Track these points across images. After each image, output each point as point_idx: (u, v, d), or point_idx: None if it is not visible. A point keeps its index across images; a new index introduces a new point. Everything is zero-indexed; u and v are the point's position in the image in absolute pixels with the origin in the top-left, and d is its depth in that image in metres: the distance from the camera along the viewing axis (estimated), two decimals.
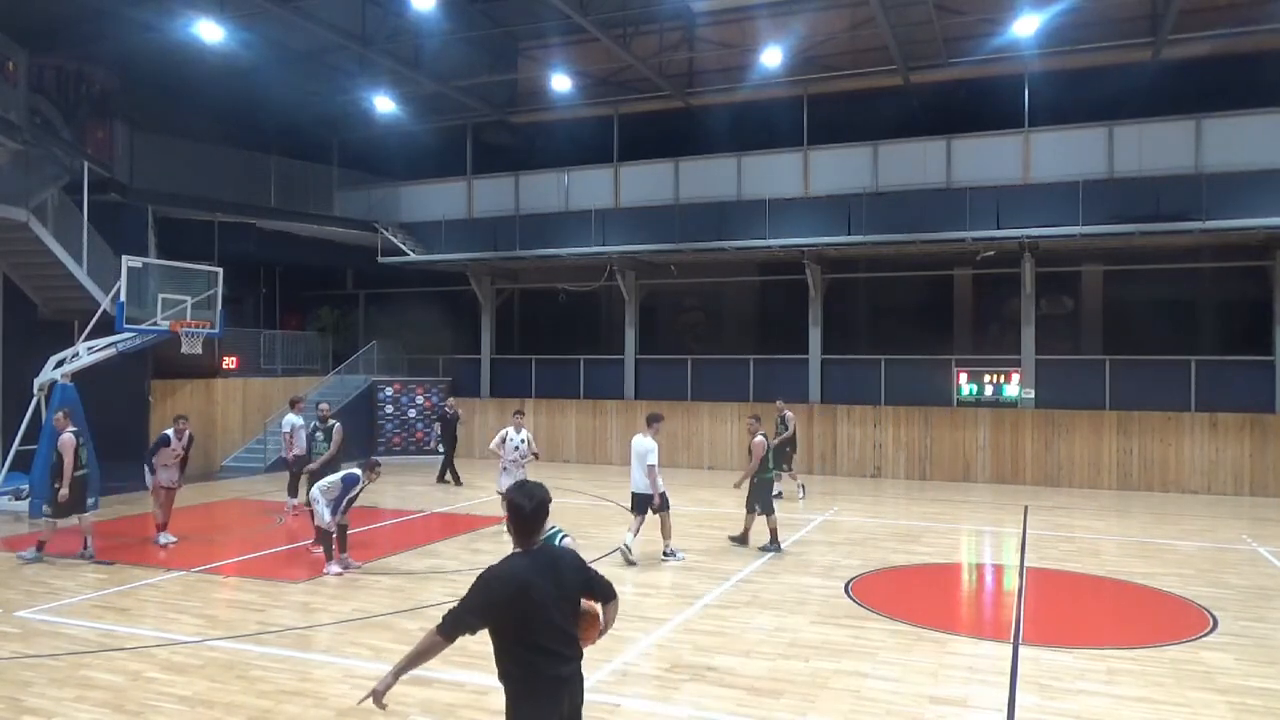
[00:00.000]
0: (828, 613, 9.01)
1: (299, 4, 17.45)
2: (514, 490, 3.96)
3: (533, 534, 3.88)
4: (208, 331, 16.49)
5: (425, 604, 9.30)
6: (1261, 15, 17.49)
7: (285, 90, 22.16)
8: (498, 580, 3.71)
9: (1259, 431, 17.89)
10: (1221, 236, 17.87)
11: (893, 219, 19.49)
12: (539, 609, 3.70)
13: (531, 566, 3.78)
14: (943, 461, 19.93)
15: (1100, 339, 20.86)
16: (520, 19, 21.44)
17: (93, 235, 16.92)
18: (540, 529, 3.92)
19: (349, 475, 10.67)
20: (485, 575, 3.74)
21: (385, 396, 23.53)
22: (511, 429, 13.24)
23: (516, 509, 3.86)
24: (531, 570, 3.76)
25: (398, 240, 23.60)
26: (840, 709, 6.52)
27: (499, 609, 3.68)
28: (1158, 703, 6.67)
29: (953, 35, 19.25)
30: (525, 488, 3.95)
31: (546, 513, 3.93)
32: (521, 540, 3.88)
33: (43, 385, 15.10)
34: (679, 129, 22.84)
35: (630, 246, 21.54)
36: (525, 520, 3.85)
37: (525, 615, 3.68)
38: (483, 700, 6.62)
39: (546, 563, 3.85)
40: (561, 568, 3.89)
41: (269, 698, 6.57)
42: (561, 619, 3.79)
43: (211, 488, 18.04)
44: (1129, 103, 18.73)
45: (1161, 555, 12.13)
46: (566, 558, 4.01)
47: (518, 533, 3.88)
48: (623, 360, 23.17)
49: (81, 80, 19.51)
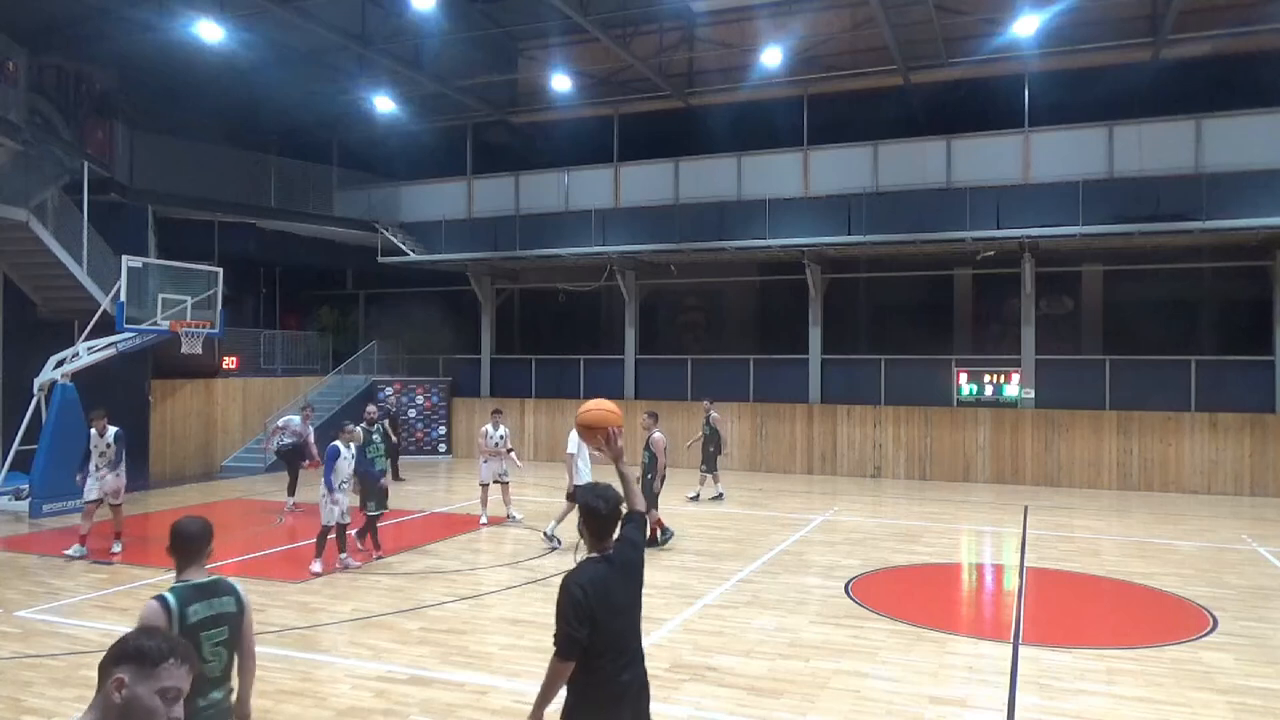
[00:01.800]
0: (828, 613, 9.01)
1: (299, 4, 17.44)
2: (587, 493, 3.86)
3: (608, 536, 3.82)
4: (208, 331, 16.51)
5: (425, 604, 9.30)
6: (1261, 15, 17.48)
7: (285, 90, 22.16)
8: (586, 585, 3.65)
9: (1259, 431, 17.89)
10: (1221, 236, 17.87)
11: (893, 219, 19.49)
12: (615, 614, 3.68)
13: (611, 571, 3.75)
14: (943, 461, 19.93)
15: (1100, 339, 20.86)
16: (520, 19, 21.44)
17: (93, 235, 16.93)
18: (614, 531, 3.85)
19: (329, 449, 10.69)
20: (570, 583, 3.67)
21: (385, 396, 23.53)
22: (490, 425, 14.16)
23: (593, 511, 3.78)
24: (612, 575, 3.74)
25: (398, 240, 23.60)
26: (840, 709, 6.52)
27: (592, 611, 3.62)
28: (1158, 703, 6.67)
29: (953, 35, 19.24)
30: (597, 489, 3.87)
31: (620, 514, 3.86)
32: (597, 543, 3.81)
33: (43, 385, 15.13)
34: (679, 129, 22.83)
35: (630, 246, 21.54)
36: (603, 522, 3.79)
37: (603, 621, 3.63)
38: (483, 700, 6.62)
39: (623, 565, 3.82)
40: (631, 571, 3.86)
41: (269, 698, 6.56)
42: (631, 623, 3.79)
43: (211, 488, 18.04)
44: (1129, 103, 18.72)
45: (1161, 555, 12.13)
46: (636, 560, 3.93)
47: (594, 535, 3.80)
48: (623, 360, 23.17)
49: (81, 80, 19.51)
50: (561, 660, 3.63)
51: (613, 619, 3.67)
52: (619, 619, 3.71)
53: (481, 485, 14.11)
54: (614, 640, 3.69)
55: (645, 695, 3.87)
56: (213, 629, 3.73)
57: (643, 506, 4.10)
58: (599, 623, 3.62)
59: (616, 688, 3.70)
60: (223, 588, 3.86)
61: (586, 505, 3.79)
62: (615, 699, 3.71)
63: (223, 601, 3.81)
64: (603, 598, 3.65)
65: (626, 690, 3.75)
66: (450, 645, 7.93)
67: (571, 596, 3.62)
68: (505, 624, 8.60)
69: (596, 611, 3.61)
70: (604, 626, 3.64)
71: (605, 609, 3.64)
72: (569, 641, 3.60)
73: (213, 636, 3.73)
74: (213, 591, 3.81)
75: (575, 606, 3.60)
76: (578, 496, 3.87)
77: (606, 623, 3.64)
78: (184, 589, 3.76)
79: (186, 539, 3.84)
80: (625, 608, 3.76)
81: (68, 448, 14.42)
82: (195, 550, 3.85)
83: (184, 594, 3.74)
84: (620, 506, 3.84)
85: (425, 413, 23.84)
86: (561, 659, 3.63)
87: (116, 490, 11.61)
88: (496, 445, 13.98)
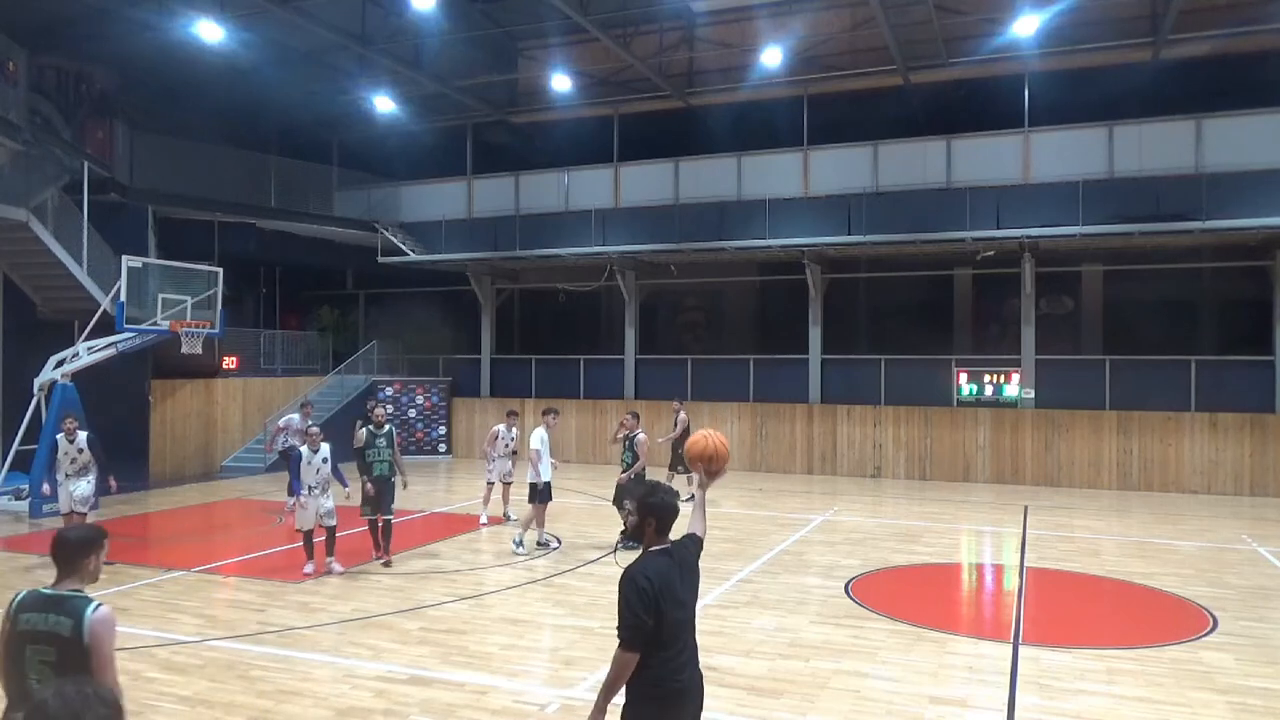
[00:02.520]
0: (828, 613, 9.01)
1: (299, 4, 17.44)
2: (658, 491, 3.91)
3: (668, 532, 3.88)
4: (208, 331, 16.51)
5: (425, 604, 9.30)
6: (1261, 15, 17.47)
7: (285, 90, 22.16)
8: (652, 575, 3.67)
9: (1259, 431, 17.89)
10: (1221, 236, 17.87)
11: (893, 219, 19.49)
12: (677, 606, 3.71)
13: (672, 564, 3.79)
14: (943, 461, 19.93)
15: (1100, 339, 20.86)
16: (520, 19, 21.44)
17: (93, 235, 16.93)
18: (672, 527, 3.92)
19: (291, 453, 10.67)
20: (635, 574, 3.69)
21: (385, 396, 23.51)
22: (503, 426, 14.13)
23: (666, 508, 3.83)
24: (673, 567, 3.77)
25: (398, 240, 23.60)
26: (840, 709, 6.52)
27: (658, 601, 3.62)
28: (1158, 703, 6.67)
29: (953, 35, 19.24)
30: (665, 488, 3.96)
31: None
32: (658, 539, 3.84)
33: (43, 385, 15.12)
34: (679, 129, 22.83)
35: (630, 246, 21.54)
36: (672, 518, 3.85)
37: (666, 612, 3.65)
38: (483, 700, 6.62)
39: (682, 560, 3.86)
40: (689, 567, 3.90)
41: (269, 698, 6.57)
42: (689, 619, 3.81)
43: (212, 488, 18.04)
44: (1129, 103, 18.72)
45: (1161, 555, 12.13)
46: (693, 559, 3.98)
47: (659, 531, 3.84)
48: (623, 360, 23.17)
49: (81, 80, 19.52)
50: (627, 651, 3.62)
51: (675, 610, 3.69)
52: (680, 611, 3.73)
53: (488, 484, 14.13)
54: (676, 634, 3.70)
55: (701, 697, 3.87)
56: (40, 644, 3.40)
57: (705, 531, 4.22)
58: (663, 614, 3.62)
59: (677, 685, 3.71)
60: (68, 607, 3.44)
61: (661, 502, 3.83)
62: (676, 696, 3.71)
63: (58, 621, 3.41)
64: (667, 589, 3.67)
65: (687, 690, 3.75)
66: (450, 645, 7.93)
67: (637, 586, 3.63)
68: (505, 624, 8.60)
69: (661, 602, 3.62)
70: (667, 619, 3.64)
71: (669, 600, 3.66)
72: (634, 631, 3.60)
73: (39, 653, 3.39)
74: (54, 607, 3.44)
75: (641, 595, 3.60)
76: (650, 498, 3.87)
77: (669, 614, 3.65)
78: (32, 595, 3.52)
79: (57, 546, 3.61)
80: (685, 602, 3.79)
81: None
82: (64, 559, 3.57)
83: (28, 599, 3.50)
84: None
85: (425, 413, 23.84)
86: (627, 649, 3.62)
87: (85, 498, 11.00)
88: (508, 446, 14.00)
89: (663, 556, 3.79)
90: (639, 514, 3.86)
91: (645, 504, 3.85)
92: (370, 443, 11.08)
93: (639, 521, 3.87)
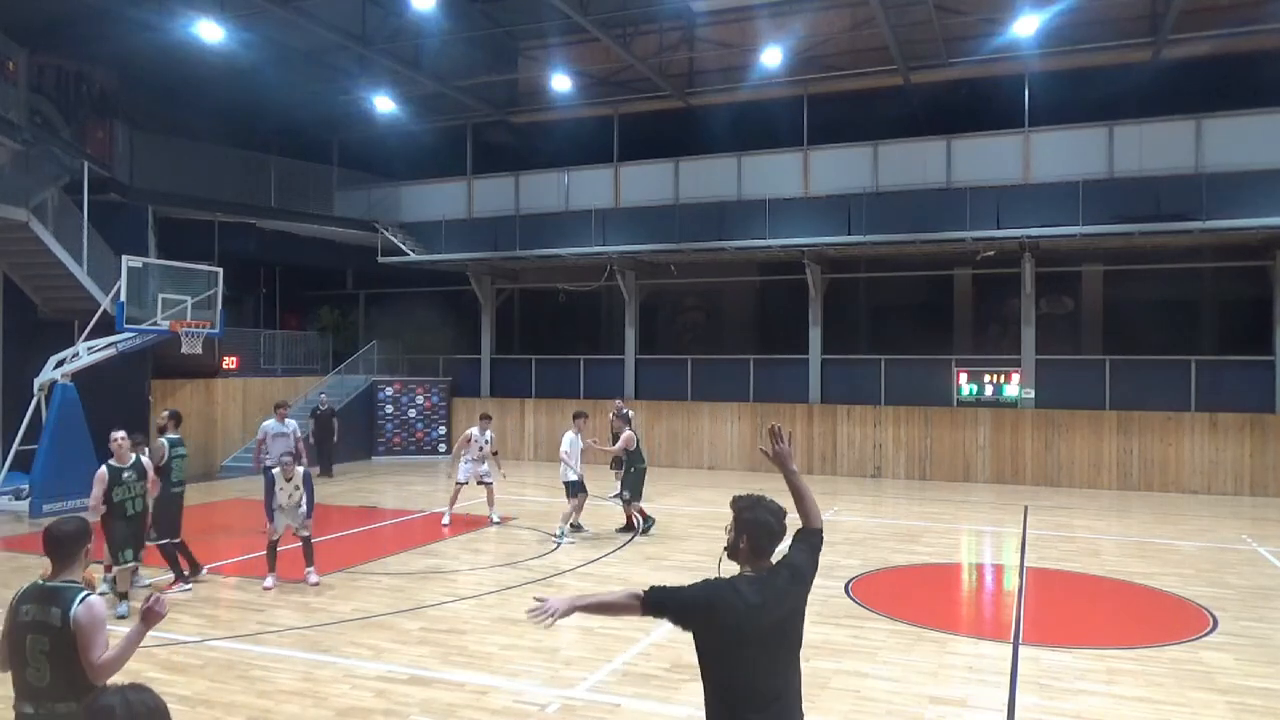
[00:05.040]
0: (828, 613, 9.01)
1: (299, 4, 17.44)
2: (758, 507, 3.47)
3: (769, 555, 3.45)
4: (208, 331, 16.51)
5: (425, 604, 9.30)
6: (1261, 15, 17.47)
7: (285, 90, 22.15)
8: (719, 589, 3.30)
9: (1259, 431, 17.89)
10: (1221, 236, 17.87)
11: (893, 219, 19.49)
12: (745, 641, 3.26)
13: (756, 590, 3.33)
14: (943, 461, 19.92)
15: (1100, 339, 20.86)
16: (520, 19, 21.44)
17: (93, 235, 16.92)
18: (776, 549, 3.48)
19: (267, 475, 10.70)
20: (712, 580, 3.36)
21: (385, 396, 23.54)
22: (476, 430, 14.31)
23: (763, 527, 3.40)
24: (755, 594, 3.31)
25: (398, 240, 23.60)
26: (840, 709, 6.52)
27: (703, 614, 3.28)
28: (1158, 703, 6.67)
29: (953, 35, 19.24)
30: (764, 503, 3.49)
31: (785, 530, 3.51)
32: (755, 560, 3.42)
33: (43, 385, 15.12)
34: (679, 129, 22.82)
35: (630, 246, 21.54)
36: (772, 538, 3.43)
37: (733, 645, 3.25)
38: (483, 700, 6.62)
39: (775, 589, 3.38)
40: (784, 596, 3.40)
41: (269, 698, 6.57)
42: (771, 656, 3.32)
43: (212, 488, 18.03)
44: (1129, 103, 18.72)
45: (1161, 555, 12.13)
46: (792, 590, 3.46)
47: (754, 552, 3.41)
48: (623, 360, 23.17)
49: (81, 80, 19.52)
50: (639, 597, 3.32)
51: (748, 644, 3.25)
52: (756, 647, 3.27)
53: (458, 484, 14.20)
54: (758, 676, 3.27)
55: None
56: (37, 634, 3.68)
57: (820, 523, 3.73)
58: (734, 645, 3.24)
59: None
60: (60, 598, 3.71)
61: (757, 520, 3.41)
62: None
63: (50, 612, 3.69)
64: (734, 610, 3.25)
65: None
66: (450, 645, 7.93)
67: (704, 584, 3.33)
68: (505, 624, 8.60)
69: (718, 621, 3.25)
70: (739, 654, 3.25)
71: (736, 625, 3.23)
72: (661, 595, 3.32)
73: (37, 643, 3.68)
74: (49, 599, 3.72)
75: (694, 588, 3.31)
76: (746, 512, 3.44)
77: (742, 647, 3.25)
78: (32, 587, 3.80)
79: (50, 540, 3.85)
80: (767, 635, 3.31)
81: (68, 448, 14.45)
82: (58, 552, 3.83)
83: (29, 591, 3.79)
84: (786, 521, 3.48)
85: (425, 413, 23.84)
86: (642, 598, 3.32)
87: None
88: (483, 449, 14.17)
89: (749, 581, 3.37)
90: (735, 529, 3.46)
91: (740, 520, 3.45)
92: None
93: (734, 538, 3.46)
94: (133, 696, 2.52)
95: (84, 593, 3.74)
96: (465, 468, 14.14)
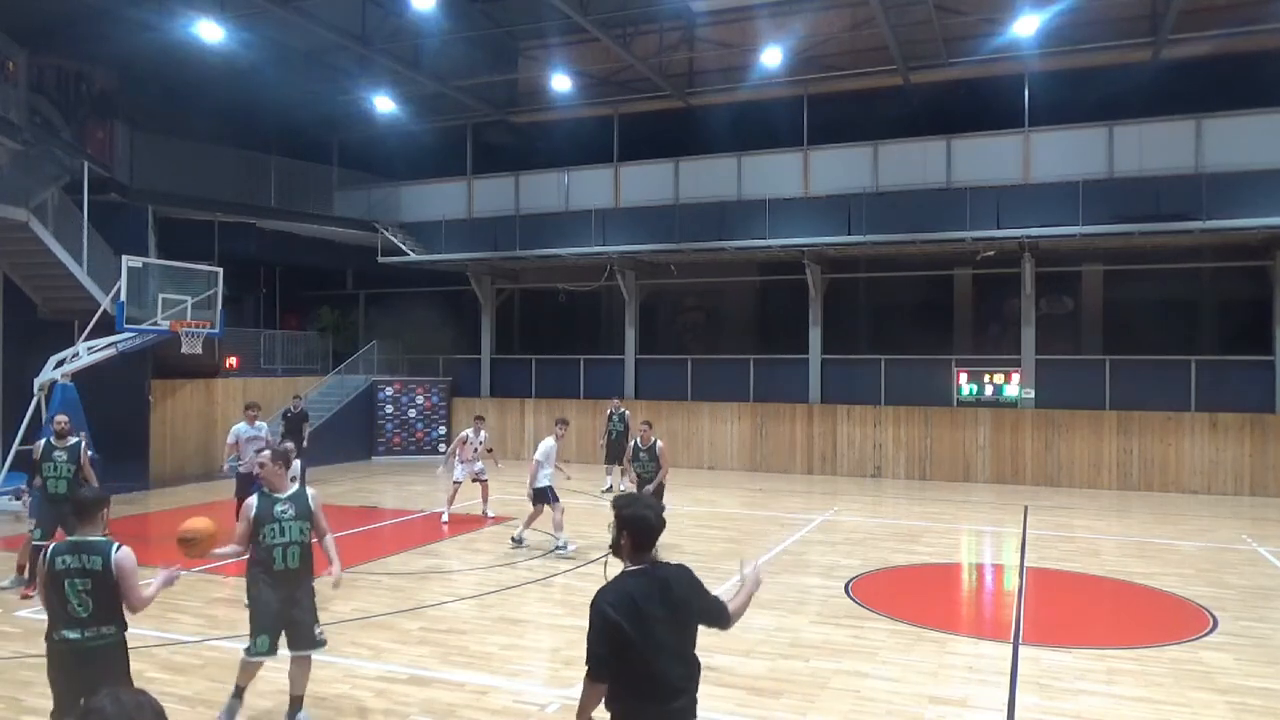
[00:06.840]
0: (828, 613, 9.01)
1: (299, 4, 17.44)
2: (636, 504, 3.67)
3: (649, 549, 3.61)
4: (208, 331, 16.51)
5: (425, 604, 9.30)
6: (1261, 15, 17.47)
7: (285, 90, 22.15)
8: (610, 602, 3.45)
9: (1259, 431, 17.89)
10: (1221, 236, 17.87)
11: (893, 219, 19.49)
12: (649, 631, 3.42)
13: (641, 585, 3.51)
14: (943, 461, 19.93)
15: (1100, 339, 20.86)
16: (520, 19, 21.43)
17: (93, 235, 16.91)
18: (655, 544, 3.64)
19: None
20: (597, 600, 3.49)
21: (385, 396, 23.54)
22: (471, 431, 14.47)
23: (640, 521, 3.56)
24: (641, 589, 3.49)
25: (398, 240, 23.60)
26: (840, 709, 6.52)
27: (617, 630, 3.41)
28: (1158, 703, 6.67)
29: (953, 35, 19.24)
30: (644, 500, 3.73)
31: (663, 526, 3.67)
32: (637, 556, 3.59)
33: (43, 385, 15.12)
34: (679, 129, 22.82)
35: (630, 246, 21.54)
36: (649, 533, 3.59)
37: (635, 639, 3.40)
38: (483, 700, 6.62)
39: (658, 581, 3.55)
40: (673, 586, 3.58)
41: (269, 698, 6.56)
42: (675, 644, 3.51)
43: (212, 488, 18.02)
44: (1129, 103, 18.71)
45: (1161, 555, 12.13)
46: (679, 576, 3.67)
47: (635, 548, 3.58)
48: (623, 360, 23.18)
49: (81, 80, 19.51)
50: (592, 681, 3.46)
51: (649, 636, 3.41)
52: (657, 636, 3.44)
53: (455, 483, 14.32)
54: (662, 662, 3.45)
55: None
56: (77, 579, 4.59)
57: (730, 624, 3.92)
58: (628, 647, 3.40)
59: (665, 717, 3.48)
60: (97, 548, 4.65)
61: (636, 516, 3.57)
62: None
63: (91, 559, 4.61)
64: (632, 609, 3.42)
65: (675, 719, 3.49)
66: (450, 645, 7.93)
67: (595, 611, 3.46)
68: (505, 624, 8.60)
69: (625, 633, 3.39)
70: (637, 656, 3.40)
71: (636, 622, 3.40)
72: (595, 661, 3.44)
73: (76, 585, 4.58)
74: (85, 549, 4.64)
75: (596, 622, 3.44)
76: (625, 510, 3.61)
77: (643, 639, 3.40)
78: (63, 543, 4.72)
79: (78, 505, 4.87)
80: (663, 624, 3.46)
81: None
82: (85, 514, 4.77)
83: (61, 547, 4.70)
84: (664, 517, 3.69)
85: (425, 413, 23.84)
86: (592, 679, 3.47)
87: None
88: (477, 450, 14.28)
89: (639, 578, 3.53)
90: (616, 527, 3.61)
91: (620, 516, 3.60)
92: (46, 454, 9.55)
93: (616, 535, 3.62)
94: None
95: (117, 544, 4.68)
96: (461, 468, 14.28)
